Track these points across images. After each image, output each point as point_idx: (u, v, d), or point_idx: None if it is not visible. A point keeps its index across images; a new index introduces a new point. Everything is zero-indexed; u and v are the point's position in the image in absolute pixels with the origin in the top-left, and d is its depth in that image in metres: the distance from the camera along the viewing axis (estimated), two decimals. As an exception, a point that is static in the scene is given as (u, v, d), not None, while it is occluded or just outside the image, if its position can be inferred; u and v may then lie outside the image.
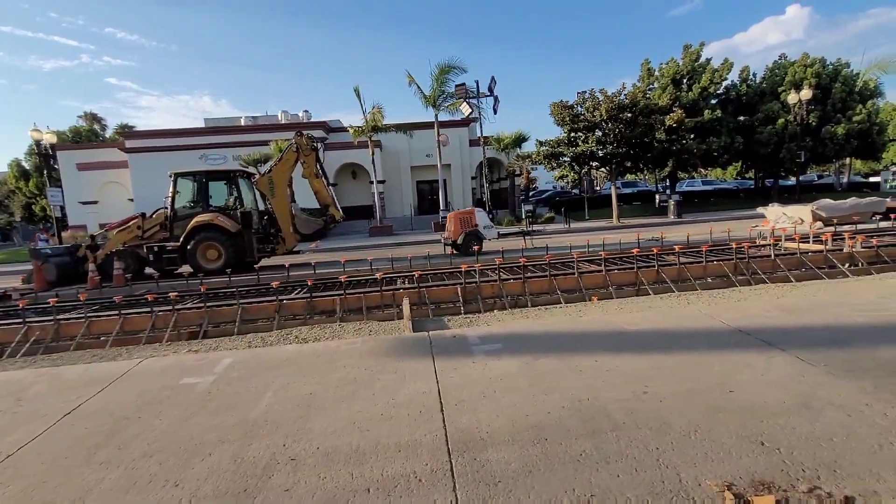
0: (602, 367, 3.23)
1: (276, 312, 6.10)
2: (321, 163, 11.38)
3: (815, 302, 4.41)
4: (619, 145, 18.39)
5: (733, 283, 6.51)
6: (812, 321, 3.81)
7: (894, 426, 2.29)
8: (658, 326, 3.95)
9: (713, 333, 3.71)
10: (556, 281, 6.47)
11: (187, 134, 30.67)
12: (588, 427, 2.48)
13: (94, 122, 54.62)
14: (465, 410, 2.76)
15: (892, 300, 4.22)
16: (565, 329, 4.11)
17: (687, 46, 23.98)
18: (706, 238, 10.44)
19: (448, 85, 21.61)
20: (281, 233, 11.14)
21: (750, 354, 3.25)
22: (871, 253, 7.19)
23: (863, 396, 2.59)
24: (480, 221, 11.12)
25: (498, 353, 3.59)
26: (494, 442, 2.40)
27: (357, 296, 6.33)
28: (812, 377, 2.86)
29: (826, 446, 2.18)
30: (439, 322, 5.28)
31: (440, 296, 6.50)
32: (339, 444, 2.49)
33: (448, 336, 4.08)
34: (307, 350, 3.99)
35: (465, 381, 3.16)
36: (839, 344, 3.33)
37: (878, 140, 23.57)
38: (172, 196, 10.55)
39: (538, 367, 3.29)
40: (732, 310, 4.32)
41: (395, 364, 3.55)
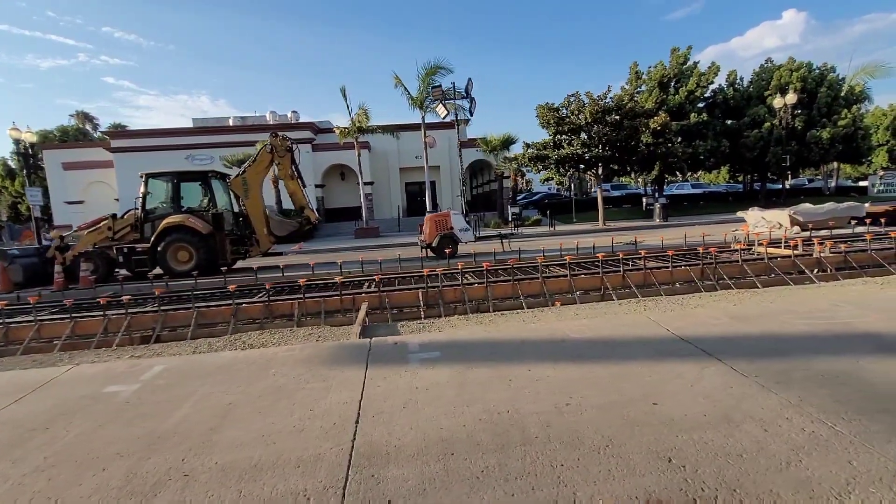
0: (533, 377, 3.14)
1: (233, 316, 5.99)
2: (297, 164, 11.26)
3: (766, 309, 4.34)
4: (603, 148, 18.37)
5: (699, 289, 6.46)
6: (756, 330, 3.75)
7: (808, 442, 2.21)
8: (602, 335, 3.87)
9: (655, 342, 3.63)
10: (519, 286, 6.38)
11: (174, 134, 30.43)
12: (499, 441, 2.40)
13: (87, 121, 54.17)
14: (380, 422, 2.67)
15: (842, 308, 4.16)
16: (510, 336, 4.02)
17: (674, 50, 24.04)
18: (682, 242, 10.42)
19: (435, 84, 21.54)
20: (255, 235, 11.00)
21: (685, 364, 3.18)
22: (839, 258, 7.16)
23: (785, 410, 2.52)
24: (456, 224, 11.03)
25: (433, 362, 3.49)
26: (399, 457, 2.31)
27: (316, 300, 6.22)
28: (740, 389, 2.79)
29: (734, 463, 2.10)
30: (391, 328, 5.18)
31: (402, 300, 6.40)
32: (240, 458, 2.38)
33: (389, 343, 3.98)
34: (242, 357, 3.88)
35: (390, 391, 3.06)
36: (777, 354, 3.26)
37: (863, 145, 23.70)
38: (143, 197, 10.40)
39: (469, 377, 3.20)
40: (683, 317, 4.25)
41: (326, 372, 3.45)
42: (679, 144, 20.84)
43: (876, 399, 2.56)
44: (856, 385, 2.74)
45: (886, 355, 3.11)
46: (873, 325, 3.70)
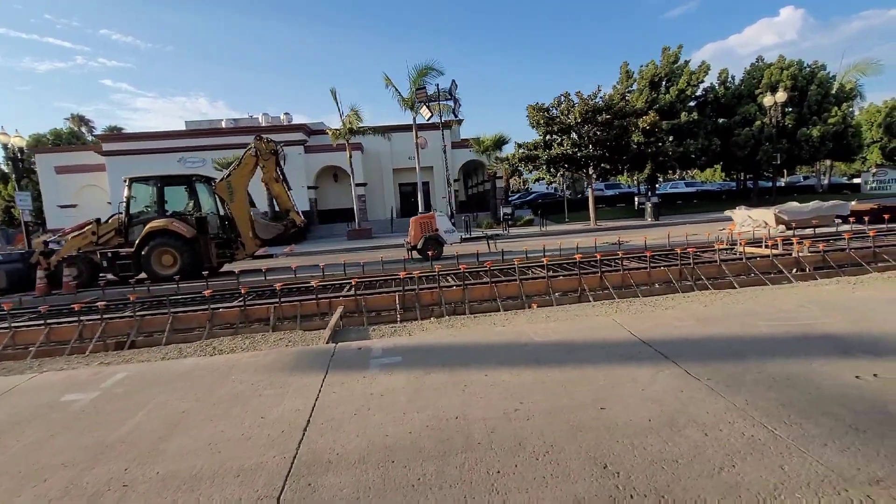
0: (489, 381, 3.14)
1: (209, 321, 5.98)
2: (282, 167, 11.24)
3: (732, 311, 4.35)
4: (594, 148, 18.39)
5: (676, 290, 6.47)
6: (718, 332, 3.76)
7: (745, 447, 2.22)
8: (565, 338, 3.88)
9: (616, 345, 3.64)
10: (497, 288, 6.39)
11: (167, 137, 30.38)
12: (442, 448, 2.40)
13: (82, 124, 54.05)
14: (328, 430, 2.67)
15: (807, 309, 4.17)
16: (475, 341, 4.03)
17: (665, 49, 24.08)
18: (666, 242, 10.43)
19: (429, 87, 21.53)
20: (241, 238, 10.98)
21: (641, 368, 3.18)
22: (817, 258, 7.17)
23: (729, 413, 2.52)
24: (441, 226, 11.03)
25: (393, 367, 3.49)
26: (340, 465, 2.30)
27: (293, 304, 6.21)
28: (690, 392, 2.79)
29: (668, 469, 2.10)
30: (363, 332, 5.18)
31: (379, 303, 6.39)
32: (183, 467, 2.38)
33: (353, 348, 3.98)
34: (206, 364, 3.87)
35: (344, 398, 3.06)
36: (733, 356, 3.27)
37: (853, 142, 23.76)
38: (127, 201, 10.38)
39: (425, 382, 3.20)
40: (649, 319, 4.25)
41: (286, 378, 3.45)
42: (670, 143, 20.88)
43: (820, 402, 2.57)
44: (803, 388, 2.75)
45: (838, 357, 3.12)
46: (833, 326, 3.71)
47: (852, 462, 2.05)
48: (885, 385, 2.71)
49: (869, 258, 7.25)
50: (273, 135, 28.51)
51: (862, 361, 3.05)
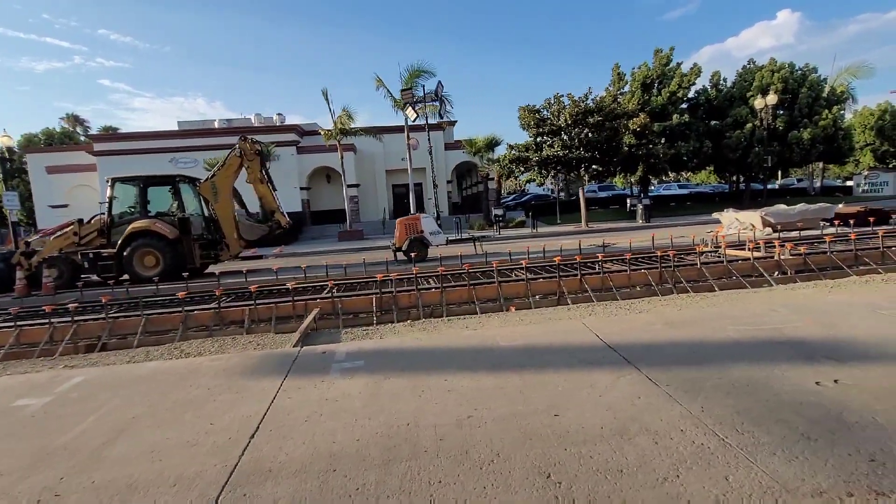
0: (447, 387, 3.09)
1: (182, 324, 5.90)
2: (266, 168, 11.16)
3: (703, 315, 4.32)
4: (584, 150, 18.37)
5: (656, 293, 6.43)
6: (686, 336, 3.72)
7: (693, 456, 2.17)
8: (532, 342, 3.83)
9: (581, 350, 3.59)
10: (475, 291, 6.33)
11: (159, 137, 30.21)
12: (387, 456, 2.34)
13: (77, 124, 53.70)
14: (276, 437, 2.60)
15: (778, 313, 4.14)
16: (441, 344, 3.97)
17: (658, 51, 24.12)
18: (651, 244, 10.42)
19: (418, 88, 21.50)
20: (225, 239, 10.89)
21: (602, 373, 3.14)
22: (798, 261, 7.16)
23: (683, 421, 2.48)
24: (426, 228, 10.97)
25: (353, 372, 3.43)
26: (280, 474, 2.24)
27: (268, 306, 6.14)
28: (647, 399, 2.75)
29: (611, 479, 2.05)
30: (334, 335, 5.11)
31: (356, 306, 6.33)
32: (120, 476, 2.31)
33: (318, 352, 3.92)
34: (167, 368, 3.80)
35: (299, 403, 3.00)
36: (696, 361, 3.22)
37: (844, 145, 23.84)
38: (109, 202, 10.29)
39: (383, 387, 3.15)
40: (619, 323, 4.21)
41: (243, 383, 3.38)
42: (662, 145, 20.89)
43: (777, 409, 2.53)
44: (762, 394, 2.70)
45: (802, 363, 3.09)
46: (801, 330, 3.67)
47: (798, 472, 2.01)
48: (843, 392, 2.67)
49: (850, 261, 7.24)
50: (265, 135, 28.44)
51: (825, 367, 3.01)
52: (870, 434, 2.25)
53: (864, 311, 4.05)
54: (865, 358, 3.12)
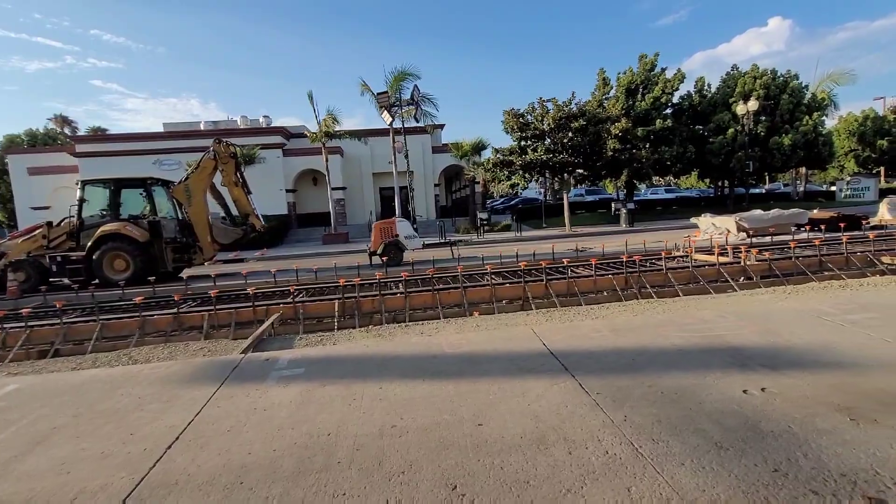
0: (380, 395, 3.05)
1: (139, 329, 5.81)
2: (241, 171, 11.07)
3: (651, 321, 4.32)
4: (567, 154, 18.45)
5: (620, 298, 6.44)
6: (628, 343, 3.71)
7: (603, 466, 2.15)
8: (476, 349, 3.81)
9: (523, 357, 3.57)
10: (439, 296, 6.31)
11: (142, 138, 29.92)
12: (300, 468, 2.30)
13: (65, 124, 53.02)
14: (193, 448, 2.55)
15: (725, 319, 4.15)
16: (386, 352, 3.93)
17: (642, 56, 24.32)
18: (627, 249, 10.46)
19: (404, 92, 21.50)
20: (199, 242, 10.76)
21: (537, 381, 3.11)
22: (764, 266, 7.21)
23: (603, 430, 2.46)
24: (402, 232, 10.93)
25: (290, 380, 3.39)
26: (186, 487, 2.19)
27: (228, 311, 6.07)
28: (574, 408, 2.73)
29: (515, 491, 2.02)
30: (288, 341, 5.05)
31: (318, 311, 6.28)
32: (21, 490, 2.25)
33: (261, 359, 3.87)
34: (103, 375, 3.72)
35: (227, 413, 2.95)
36: (632, 369, 3.22)
37: (824, 151, 24.17)
38: (79, 204, 10.14)
39: (315, 396, 3.10)
40: (567, 330, 4.20)
41: (177, 391, 3.32)
42: (646, 150, 21.04)
43: (697, 418, 2.52)
44: (687, 402, 2.70)
45: (734, 371, 3.09)
46: (743, 337, 3.68)
47: (701, 483, 1.99)
48: (768, 401, 2.67)
49: (814, 267, 7.32)
50: (251, 138, 28.30)
51: (757, 375, 3.02)
52: (781, 443, 2.25)
53: (810, 318, 4.08)
54: (798, 366, 3.13)
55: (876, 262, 7.42)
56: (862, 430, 2.32)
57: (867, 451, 2.15)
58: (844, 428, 2.35)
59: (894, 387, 2.75)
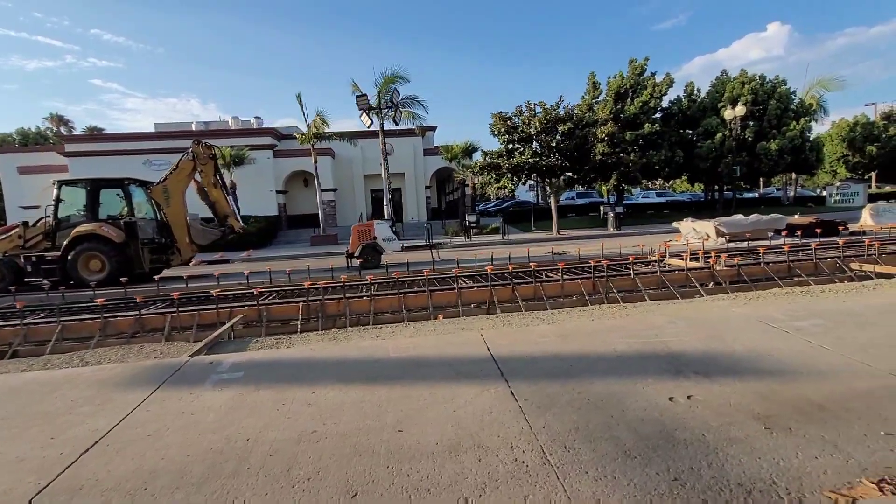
0: (310, 400, 3.04)
1: (100, 331, 5.77)
2: (220, 172, 11.04)
3: (601, 326, 4.32)
4: (554, 157, 18.49)
5: (587, 302, 6.45)
6: (571, 349, 3.71)
7: (508, 474, 2.15)
8: (422, 354, 3.80)
9: (464, 362, 3.56)
10: (405, 299, 6.30)
11: (133, 138, 29.82)
12: (209, 474, 2.28)
13: (61, 123, 52.84)
14: (110, 452, 2.53)
15: (675, 325, 4.16)
16: (331, 355, 3.92)
17: (632, 60, 24.42)
18: (610, 252, 10.48)
19: (393, 95, 21.51)
20: (177, 243, 10.72)
21: (471, 387, 3.11)
22: (733, 272, 7.24)
23: (519, 437, 2.45)
24: (380, 234, 10.92)
25: (226, 384, 3.37)
26: (89, 493, 2.17)
27: (191, 313, 6.04)
28: (497, 414, 2.72)
29: (415, 499, 2.02)
30: (243, 343, 5.03)
31: (284, 313, 6.26)
32: (-76, 496, 2.23)
33: (206, 362, 3.85)
34: (44, 378, 3.69)
35: (154, 417, 2.93)
36: (566, 375, 3.21)
37: (811, 156, 24.30)
38: (55, 204, 10.09)
39: (247, 401, 3.09)
40: (515, 335, 4.20)
41: (111, 395, 3.30)
42: (635, 154, 21.10)
43: (616, 425, 2.52)
44: (611, 410, 2.69)
45: (667, 378, 3.09)
46: (686, 343, 3.69)
47: (598, 492, 1.99)
48: (690, 408, 2.68)
49: (783, 273, 7.35)
50: (242, 139, 28.26)
51: (688, 382, 3.02)
52: (690, 452, 2.25)
53: (757, 325, 4.09)
54: (731, 373, 3.14)
55: (845, 269, 7.45)
56: (773, 439, 2.33)
57: (771, 461, 2.16)
58: (756, 437, 2.36)
59: (818, 395, 2.76)
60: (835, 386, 2.88)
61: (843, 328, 3.89)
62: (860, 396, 2.73)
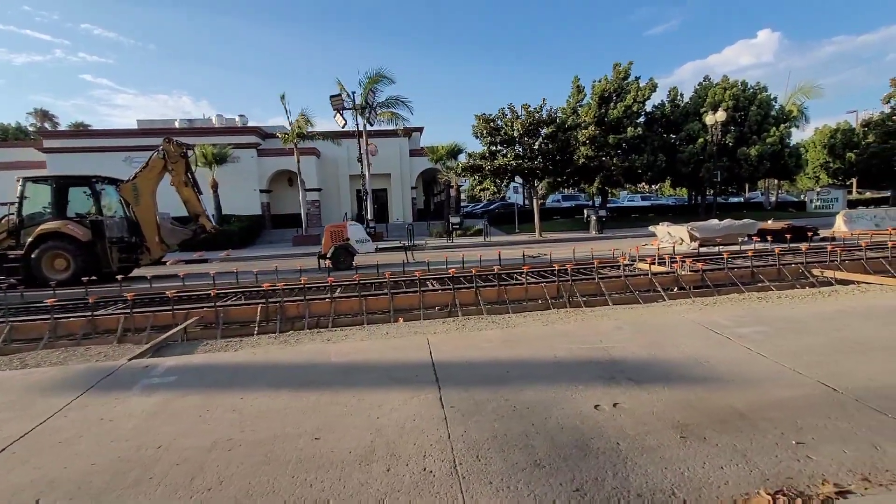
0: (237, 406, 2.98)
1: (50, 332, 5.64)
2: (191, 171, 10.89)
3: (550, 332, 4.31)
4: (536, 160, 18.54)
5: (549, 307, 6.45)
6: (514, 355, 3.69)
7: (412, 485, 2.11)
8: (363, 358, 3.75)
9: (403, 367, 3.53)
10: (366, 302, 6.24)
11: (114, 135, 29.37)
12: (111, 483, 2.22)
13: (46, 118, 51.95)
14: (13, 461, 2.45)
15: (622, 331, 4.16)
16: (273, 359, 3.86)
17: (616, 65, 24.57)
18: (583, 256, 10.52)
19: (378, 95, 21.44)
20: (146, 242, 10.56)
21: (402, 393, 3.07)
22: (696, 277, 7.29)
23: (435, 446, 2.42)
24: (353, 235, 10.85)
25: (156, 388, 3.29)
26: (-19, 506, 2.10)
27: (146, 314, 5.93)
28: (420, 421, 2.69)
29: (310, 510, 1.97)
30: (190, 346, 4.95)
31: (243, 315, 6.17)
32: None
33: (141, 366, 3.76)
34: (-29, 383, 3.58)
35: (71, 423, 2.85)
36: (500, 382, 3.19)
37: (790, 162, 24.66)
38: (19, 202, 9.87)
39: (172, 406, 3.02)
40: (461, 339, 4.18)
41: (35, 399, 3.21)
42: (618, 158, 21.24)
43: (534, 434, 2.50)
44: (534, 417, 2.67)
45: (599, 384, 3.08)
46: (626, 350, 3.68)
47: (496, 503, 1.96)
48: (613, 416, 2.66)
49: (746, 279, 7.41)
50: (226, 137, 27.97)
51: (619, 389, 3.01)
52: (600, 462, 2.23)
53: (702, 331, 4.10)
54: (663, 380, 3.13)
55: (807, 275, 7.54)
56: (685, 449, 2.32)
57: (676, 470, 2.15)
58: (669, 446, 2.35)
59: (742, 403, 2.77)
60: (760, 394, 2.89)
61: (783, 335, 3.91)
62: (782, 405, 2.74)
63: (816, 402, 2.78)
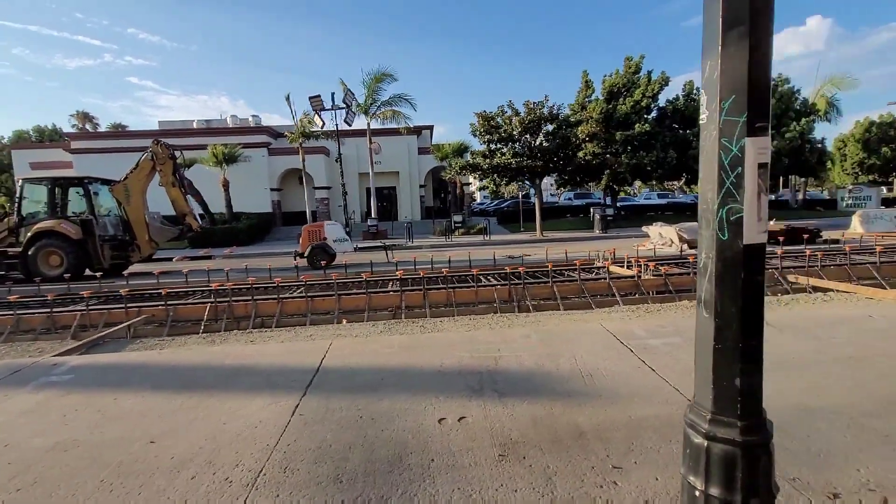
0: (106, 408, 3.07)
1: (11, 327, 5.94)
2: (180, 171, 11.24)
3: (457, 338, 4.26)
4: (535, 158, 18.28)
5: (496, 310, 6.38)
6: (401, 361, 3.67)
7: (203, 494, 2.14)
8: (255, 362, 3.81)
9: (285, 372, 3.56)
10: (312, 302, 6.32)
11: (136, 136, 30.50)
12: (-66, 482, 2.33)
13: (87, 120, 54.48)
14: None
15: (528, 340, 4.08)
16: (171, 361, 3.95)
17: (628, 58, 23.95)
18: (575, 256, 10.35)
19: (381, 93, 21.59)
20: (137, 240, 10.98)
21: (266, 399, 3.11)
22: (659, 282, 7.07)
23: (257, 454, 2.45)
24: (330, 235, 10.95)
25: (49, 386, 3.42)
26: None
27: (100, 311, 6.17)
28: (261, 429, 2.72)
29: (93, 517, 2.03)
30: (121, 345, 5.12)
31: (194, 313, 6.34)
32: None
33: (48, 364, 3.92)
34: None
35: (-56, 420, 3.00)
36: (370, 389, 3.19)
37: (811, 158, 23.51)
38: (18, 202, 10.43)
39: (48, 406, 3.14)
40: (366, 344, 4.17)
41: (-67, 397, 3.39)
42: (625, 155, 20.71)
43: (360, 446, 2.49)
44: (374, 429, 2.67)
45: (459, 397, 3.04)
46: (518, 361, 3.61)
47: (266, 518, 1.97)
48: (450, 431, 2.63)
49: (713, 283, 7.12)
50: (238, 137, 28.68)
51: (478, 402, 2.97)
52: (402, 478, 2.21)
53: (610, 342, 3.98)
54: (530, 393, 3.07)
55: (781, 281, 7.20)
56: (495, 468, 2.27)
57: (468, 492, 2.10)
58: (482, 465, 2.30)
59: (591, 422, 2.68)
60: (620, 412, 2.79)
61: (691, 348, 3.75)
62: (634, 424, 2.64)
63: (673, 423, 2.66)
